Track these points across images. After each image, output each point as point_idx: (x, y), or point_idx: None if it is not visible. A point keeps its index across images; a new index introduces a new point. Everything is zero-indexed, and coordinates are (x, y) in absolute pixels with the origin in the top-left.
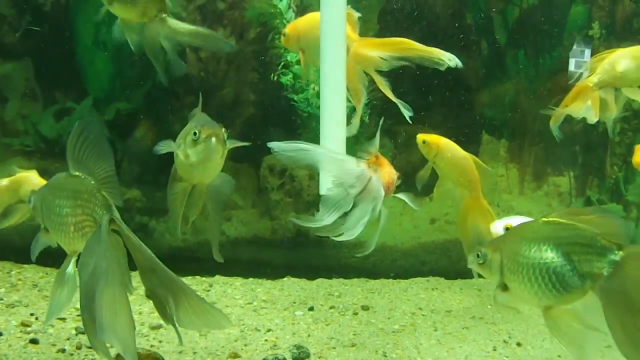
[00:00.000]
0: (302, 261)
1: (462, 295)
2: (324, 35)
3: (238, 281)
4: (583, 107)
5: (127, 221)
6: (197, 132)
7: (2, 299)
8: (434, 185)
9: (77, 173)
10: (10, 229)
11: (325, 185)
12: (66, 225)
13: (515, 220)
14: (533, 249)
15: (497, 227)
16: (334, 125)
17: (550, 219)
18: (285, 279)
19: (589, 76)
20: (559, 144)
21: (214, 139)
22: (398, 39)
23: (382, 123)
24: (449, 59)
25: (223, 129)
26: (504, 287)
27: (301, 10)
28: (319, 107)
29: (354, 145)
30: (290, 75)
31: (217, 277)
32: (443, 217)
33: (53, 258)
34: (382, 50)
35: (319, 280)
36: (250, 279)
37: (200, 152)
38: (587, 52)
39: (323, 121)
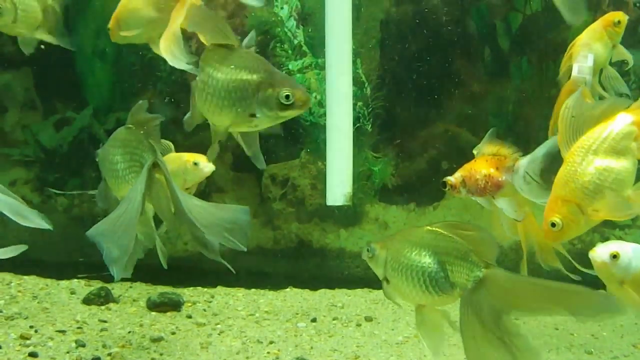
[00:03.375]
0: (304, 272)
1: None
2: (330, 46)
3: (240, 292)
4: None
5: None
6: (290, 95)
7: (1, 311)
8: (437, 194)
9: (130, 125)
10: (12, 240)
11: None
12: (116, 171)
13: (620, 247)
14: (414, 252)
15: (602, 253)
16: (340, 135)
17: (434, 228)
18: (287, 289)
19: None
20: None
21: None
22: None
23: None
24: None
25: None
26: (387, 281)
27: (302, 18)
28: (320, 116)
29: (358, 154)
30: None
31: (219, 287)
32: None
33: (52, 270)
34: None
35: (322, 291)
36: (253, 290)
37: (283, 118)
38: (590, 57)
39: (329, 131)
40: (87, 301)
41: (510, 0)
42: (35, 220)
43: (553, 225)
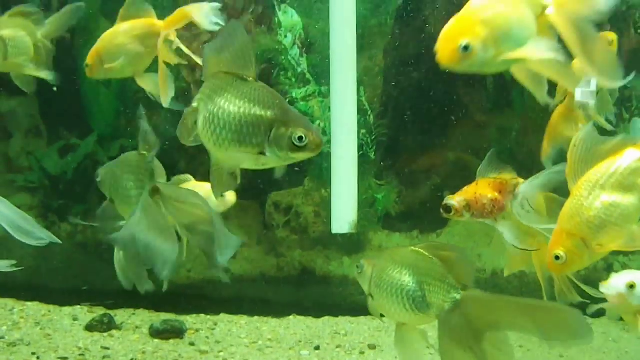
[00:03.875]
0: (308, 299)
1: None
2: (334, 74)
3: (243, 319)
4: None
5: None
6: (304, 136)
7: (3, 337)
8: (441, 221)
9: (142, 151)
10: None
11: None
12: (129, 197)
13: (636, 276)
14: (396, 271)
15: (618, 282)
16: (345, 163)
17: (418, 249)
18: (291, 317)
19: (561, 100)
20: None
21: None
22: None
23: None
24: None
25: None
26: (372, 297)
27: (306, 46)
28: (324, 144)
29: (361, 182)
30: None
31: (222, 315)
32: None
33: (55, 296)
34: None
35: (325, 318)
36: (256, 318)
37: (293, 159)
38: (593, 82)
39: (334, 160)
40: (89, 328)
41: None
42: (40, 236)
43: (557, 258)
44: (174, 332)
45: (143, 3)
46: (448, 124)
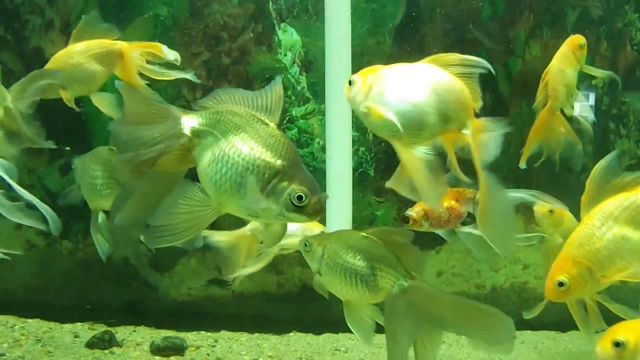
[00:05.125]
0: (308, 316)
1: (469, 349)
2: (329, 92)
3: (244, 336)
4: (562, 137)
5: (132, 276)
6: (304, 197)
7: (4, 355)
8: (440, 238)
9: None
10: (16, 282)
11: None
12: (95, 185)
13: None
14: (350, 254)
15: None
16: (340, 181)
17: (369, 235)
18: (291, 333)
19: (545, 104)
20: (566, 194)
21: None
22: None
23: None
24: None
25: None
26: (320, 274)
27: (306, 64)
28: (323, 162)
29: (361, 199)
30: (295, 130)
31: (223, 332)
32: (450, 269)
33: (56, 313)
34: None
35: (325, 335)
36: (256, 334)
37: (287, 219)
38: (592, 96)
39: (329, 178)
40: (90, 345)
41: (510, 46)
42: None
43: (560, 284)
44: (175, 349)
45: (99, 23)
46: None
